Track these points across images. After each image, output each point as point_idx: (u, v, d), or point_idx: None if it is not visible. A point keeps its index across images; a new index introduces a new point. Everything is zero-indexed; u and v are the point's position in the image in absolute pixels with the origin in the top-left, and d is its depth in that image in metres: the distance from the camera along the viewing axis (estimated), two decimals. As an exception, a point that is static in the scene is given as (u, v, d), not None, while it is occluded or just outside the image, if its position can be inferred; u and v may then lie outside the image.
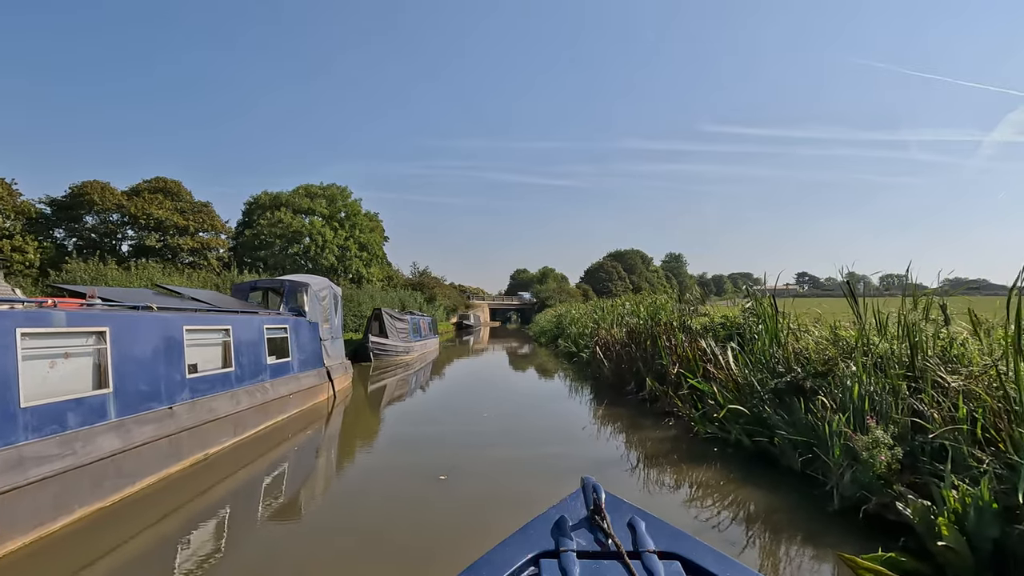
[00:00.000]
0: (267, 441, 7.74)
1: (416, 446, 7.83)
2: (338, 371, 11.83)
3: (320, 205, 48.44)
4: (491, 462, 6.91)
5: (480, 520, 4.96)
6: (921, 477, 4.45)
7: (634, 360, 11.96)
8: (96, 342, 5.03)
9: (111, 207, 37.02)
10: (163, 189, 40.05)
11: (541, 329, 35.35)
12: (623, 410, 10.21)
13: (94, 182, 37.48)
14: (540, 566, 1.71)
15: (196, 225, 40.42)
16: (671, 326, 11.43)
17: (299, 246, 45.22)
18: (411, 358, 21.06)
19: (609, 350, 13.80)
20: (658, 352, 10.78)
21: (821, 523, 4.73)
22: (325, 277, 12.54)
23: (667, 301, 13.13)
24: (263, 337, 8.39)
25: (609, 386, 12.87)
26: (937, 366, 5.25)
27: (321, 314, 11.21)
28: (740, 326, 9.83)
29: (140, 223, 37.61)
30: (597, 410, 10.71)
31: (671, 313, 12.72)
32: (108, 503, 4.88)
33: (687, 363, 9.34)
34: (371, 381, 16.16)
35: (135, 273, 16.11)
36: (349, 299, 27.38)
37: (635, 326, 13.14)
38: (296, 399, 9.31)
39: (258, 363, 8.12)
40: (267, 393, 8.18)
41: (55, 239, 37.83)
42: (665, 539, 1.82)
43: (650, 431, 8.46)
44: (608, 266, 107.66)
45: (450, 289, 66.21)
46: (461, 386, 15.32)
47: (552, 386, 14.53)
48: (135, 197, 38.34)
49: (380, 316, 19.82)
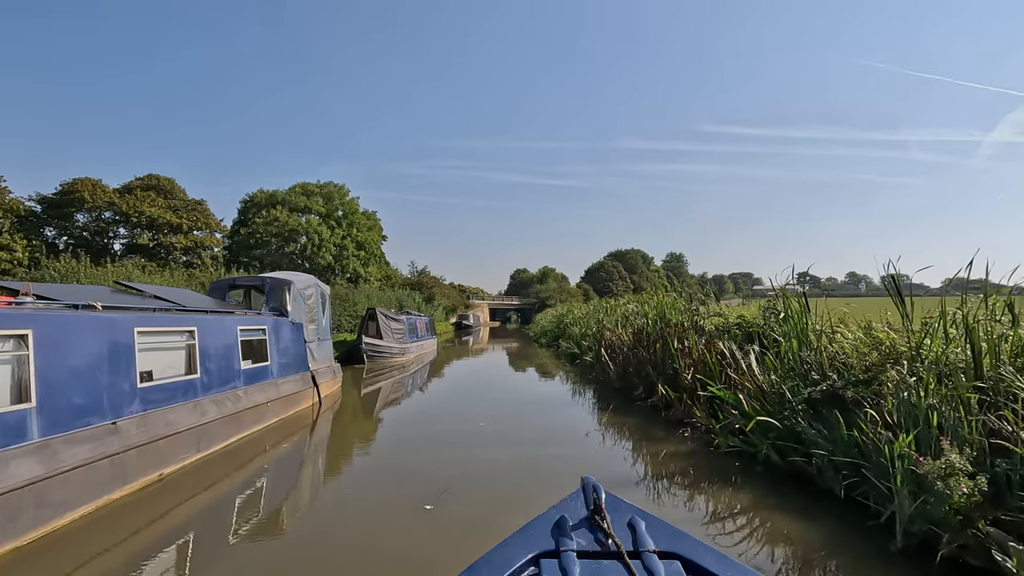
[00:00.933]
0: (238, 456, 6.93)
1: (405, 462, 7.02)
2: (325, 375, 11.02)
3: (317, 203, 47.63)
4: (487, 479, 6.11)
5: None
6: (1010, 513, 3.64)
7: (642, 363, 11.16)
8: (15, 348, 4.23)
9: (102, 205, 36.20)
10: (156, 186, 39.23)
11: (542, 329, 34.53)
12: (632, 418, 9.40)
13: (85, 179, 36.67)
14: (540, 566, 1.70)
15: (190, 223, 39.60)
16: (683, 327, 10.62)
17: (295, 245, 44.43)
18: (407, 360, 20.24)
19: (615, 352, 12.99)
20: (670, 355, 9.97)
21: (882, 565, 3.92)
22: (318, 276, 11.72)
23: (676, 300, 12.30)
24: (236, 339, 7.59)
25: (615, 390, 12.06)
26: (1013, 375, 4.43)
27: (306, 314, 10.40)
28: (759, 327, 9.03)
29: (132, 221, 36.79)
30: (602, 416, 9.90)
31: (681, 313, 11.91)
32: (24, 541, 4.07)
33: (703, 367, 8.54)
34: (364, 384, 15.38)
35: (112, 271, 15.27)
36: (344, 299, 26.59)
37: (642, 327, 12.33)
38: (275, 407, 8.50)
39: (229, 368, 7.32)
40: (240, 402, 7.38)
41: (46, 238, 37.07)
42: (665, 539, 1.80)
43: (664, 443, 7.65)
44: (609, 266, 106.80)
45: (449, 289, 65.42)
46: (458, 389, 14.51)
47: (554, 389, 13.71)
48: (127, 195, 37.52)
49: (374, 316, 19.00)
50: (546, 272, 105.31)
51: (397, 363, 19.12)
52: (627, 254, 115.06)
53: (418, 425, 9.47)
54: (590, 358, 15.89)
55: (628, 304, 17.26)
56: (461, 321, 56.89)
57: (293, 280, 9.99)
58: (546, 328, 33.14)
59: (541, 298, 78.99)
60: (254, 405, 7.71)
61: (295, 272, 11.05)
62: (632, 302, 17.08)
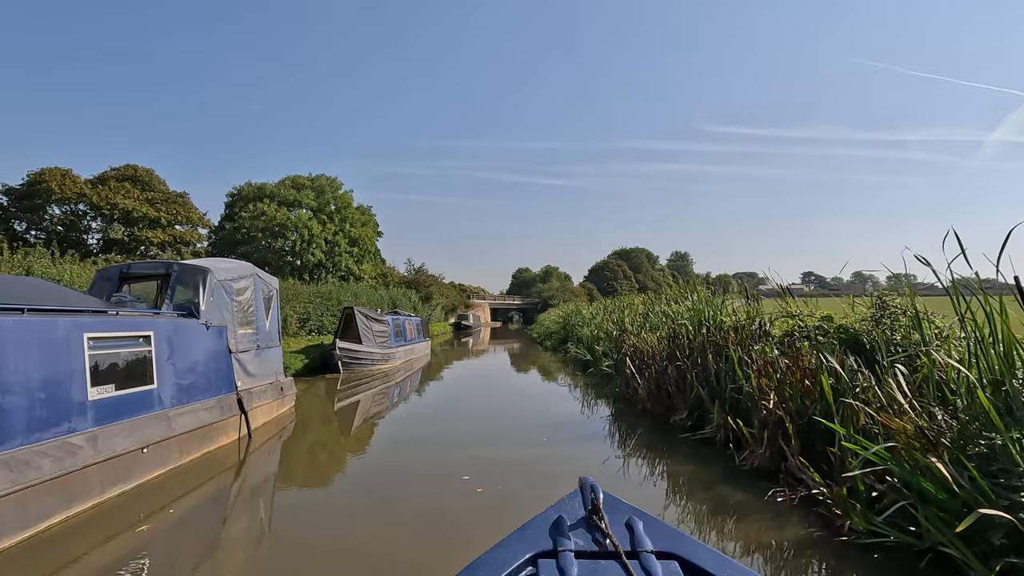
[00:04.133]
0: (73, 545, 4.22)
1: (362, 529, 4.29)
2: (263, 396, 8.30)
3: (308, 197, 44.97)
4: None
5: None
6: None
7: (684, 379, 8.44)
8: None
9: (71, 196, 33.56)
10: (132, 177, 36.56)
11: (546, 331, 31.77)
12: (680, 458, 6.69)
13: (54, 169, 34.06)
14: (538, 566, 1.68)
15: (169, 217, 36.93)
16: (744, 332, 7.89)
17: (283, 240, 41.77)
18: (392, 367, 17.49)
19: (643, 363, 10.25)
20: (730, 370, 7.24)
21: None
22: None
23: (726, 297, 9.55)
24: (82, 354, 4.86)
25: (647, 413, 9.33)
26: None
27: (235, 314, 7.68)
28: (867, 333, 6.30)
29: (104, 214, 34.17)
30: (636, 456, 7.15)
31: (732, 315, 9.15)
32: None
33: (795, 391, 5.80)
34: (337, 399, 12.70)
35: (10, 261, 12.50)
36: (327, 297, 23.88)
37: (679, 331, 9.60)
38: (165, 451, 5.79)
39: (60, 401, 4.59)
40: (80, 454, 4.65)
41: (15, 231, 34.47)
42: (663, 539, 1.77)
43: (750, 514, 4.88)
44: (613, 265, 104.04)
45: (449, 288, 62.72)
46: (446, 407, 11.75)
47: (566, 409, 10.94)
48: (100, 186, 34.89)
49: (352, 317, 16.25)
50: (549, 271, 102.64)
51: (379, 371, 16.37)
52: (632, 253, 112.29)
53: (379, 475, 6.75)
54: (607, 367, 13.13)
55: (655, 303, 14.49)
56: (460, 322, 54.20)
57: (211, 268, 7.24)
58: (551, 329, 30.40)
59: (544, 298, 76.39)
60: (112, 456, 4.98)
61: (223, 259, 8.30)
62: (658, 301, 14.31)
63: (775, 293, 8.82)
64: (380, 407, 11.57)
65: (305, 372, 15.10)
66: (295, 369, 14.48)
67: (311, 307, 21.83)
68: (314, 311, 22.00)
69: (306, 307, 21.55)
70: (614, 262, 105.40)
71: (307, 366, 15.24)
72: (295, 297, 21.39)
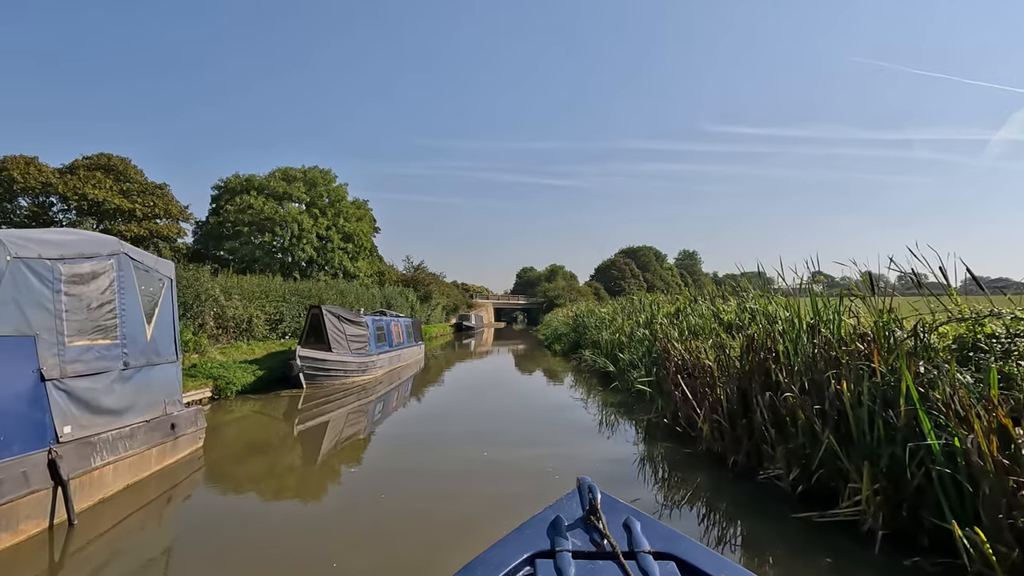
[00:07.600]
0: None
1: None
2: (129, 444, 5.33)
3: (299, 190, 42.06)
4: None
5: None
6: None
7: (781, 413, 5.42)
8: None
9: (36, 186, 30.76)
10: (105, 166, 33.67)
11: (554, 333, 28.73)
12: (818, 562, 3.68)
13: (17, 157, 31.25)
14: (536, 566, 1.65)
15: (145, 210, 34.05)
16: (873, 341, 4.87)
17: (270, 235, 38.87)
18: (371, 378, 14.46)
19: (701, 387, 7.25)
20: (879, 405, 4.22)
21: None
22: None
23: (840, 290, 6.48)
24: None
25: (713, 458, 6.35)
26: None
27: (64, 315, 4.72)
28: None
29: (71, 205, 31.38)
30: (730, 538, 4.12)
31: (845, 320, 6.07)
32: None
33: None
34: (297, 420, 9.86)
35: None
36: (306, 295, 20.91)
37: (758, 337, 6.57)
38: None
39: None
40: None
41: (-22, 225, 31.73)
42: (660, 539, 1.74)
43: None
44: (621, 263, 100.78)
45: (450, 287, 59.75)
46: (430, 441, 8.72)
47: (591, 448, 7.91)
48: (69, 175, 32.06)
49: (319, 318, 13.22)
50: (555, 270, 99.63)
51: (354, 384, 13.36)
52: (639, 251, 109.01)
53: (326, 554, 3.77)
54: (640, 382, 10.07)
55: (697, 302, 11.46)
56: (461, 323, 51.19)
57: (6, 240, 4.28)
58: (559, 331, 27.37)
59: (549, 297, 73.33)
60: None
61: (53, 229, 5.39)
62: (715, 301, 11.28)
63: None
64: (351, 434, 8.63)
65: (259, 387, 12.14)
66: (242, 384, 11.51)
67: (284, 306, 18.87)
68: (289, 311, 19.04)
69: (278, 306, 18.59)
70: (621, 260, 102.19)
71: (261, 379, 12.27)
72: (264, 295, 18.43)
